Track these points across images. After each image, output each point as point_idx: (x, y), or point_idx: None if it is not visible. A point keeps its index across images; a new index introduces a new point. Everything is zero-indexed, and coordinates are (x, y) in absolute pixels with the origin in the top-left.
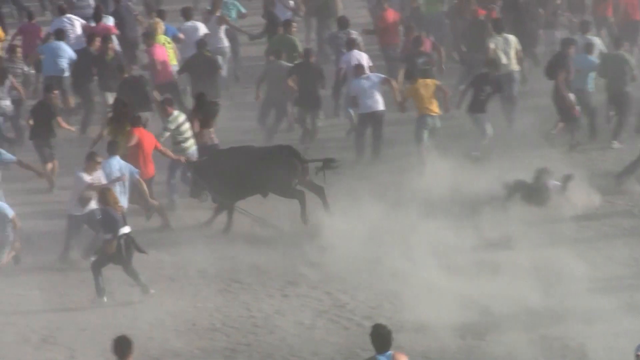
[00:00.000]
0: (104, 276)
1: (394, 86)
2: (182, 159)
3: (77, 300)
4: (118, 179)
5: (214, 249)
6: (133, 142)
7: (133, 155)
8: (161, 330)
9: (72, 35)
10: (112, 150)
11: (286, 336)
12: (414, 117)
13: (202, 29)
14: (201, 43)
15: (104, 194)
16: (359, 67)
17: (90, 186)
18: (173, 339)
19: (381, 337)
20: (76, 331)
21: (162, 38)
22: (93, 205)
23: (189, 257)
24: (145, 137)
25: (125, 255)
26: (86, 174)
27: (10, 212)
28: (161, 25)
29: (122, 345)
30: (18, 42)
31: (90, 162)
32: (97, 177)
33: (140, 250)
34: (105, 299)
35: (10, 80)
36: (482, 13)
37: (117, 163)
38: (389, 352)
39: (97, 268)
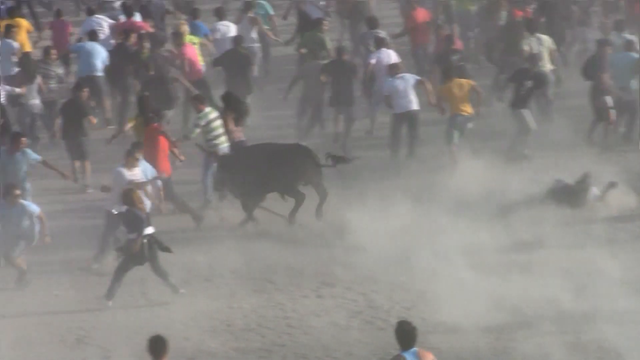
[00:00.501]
0: (139, 278)
1: (428, 88)
2: (183, 158)
3: (113, 300)
4: (155, 179)
5: (249, 249)
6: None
7: (148, 153)
8: (196, 331)
9: (101, 36)
10: (135, 151)
11: (321, 337)
12: (446, 116)
13: (233, 29)
14: (237, 39)
15: (128, 193)
16: (394, 67)
17: (130, 183)
18: (208, 339)
19: (406, 334)
20: (111, 331)
21: (188, 37)
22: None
23: (224, 257)
24: (161, 135)
25: (148, 256)
26: (126, 169)
27: (36, 209)
28: (186, 26)
29: (157, 345)
30: (48, 41)
31: (130, 158)
32: (137, 173)
33: (165, 250)
34: (110, 304)
35: (39, 81)
36: (519, 14)
37: (140, 164)
38: (414, 348)
39: (120, 271)
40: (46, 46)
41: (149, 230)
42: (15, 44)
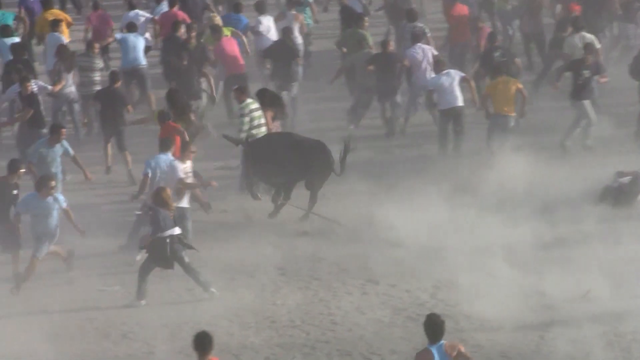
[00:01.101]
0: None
1: (472, 86)
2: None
3: (157, 296)
4: (208, 184)
5: (293, 246)
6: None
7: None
8: (240, 327)
9: (142, 26)
10: (164, 147)
11: (365, 334)
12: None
13: (273, 24)
14: (286, 30)
15: (159, 193)
16: (439, 63)
17: (181, 181)
18: (252, 335)
19: (434, 326)
20: (156, 327)
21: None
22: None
23: (268, 254)
24: (170, 131)
25: (170, 256)
26: (180, 162)
27: (64, 203)
28: (219, 20)
29: (202, 341)
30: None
31: (186, 152)
32: (188, 167)
33: (190, 248)
34: (143, 302)
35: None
36: (575, 8)
37: (165, 160)
38: (441, 342)
39: (143, 271)
40: (88, 39)
41: (173, 230)
42: (64, 38)
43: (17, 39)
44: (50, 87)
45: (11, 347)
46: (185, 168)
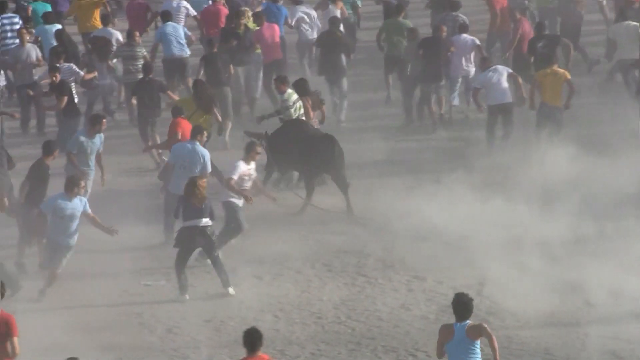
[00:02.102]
0: (223, 268)
1: (520, 82)
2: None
3: (203, 291)
4: (265, 194)
5: (341, 242)
6: (176, 134)
7: (171, 143)
8: (286, 323)
9: (181, 18)
10: (193, 134)
11: (410, 330)
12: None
13: (314, 15)
14: (333, 20)
15: (190, 182)
16: (485, 60)
17: (241, 178)
18: (298, 331)
19: (462, 305)
20: (201, 322)
21: (251, 24)
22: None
23: (315, 250)
24: (187, 127)
25: (187, 246)
26: (244, 163)
27: (89, 209)
28: (249, 13)
29: (252, 337)
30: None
31: (251, 153)
32: (252, 169)
33: (212, 245)
34: (187, 297)
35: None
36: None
37: (188, 148)
38: (467, 322)
39: (177, 265)
40: (129, 29)
41: (198, 222)
42: (115, 32)
43: (59, 26)
44: (82, 73)
45: (58, 339)
46: (249, 170)
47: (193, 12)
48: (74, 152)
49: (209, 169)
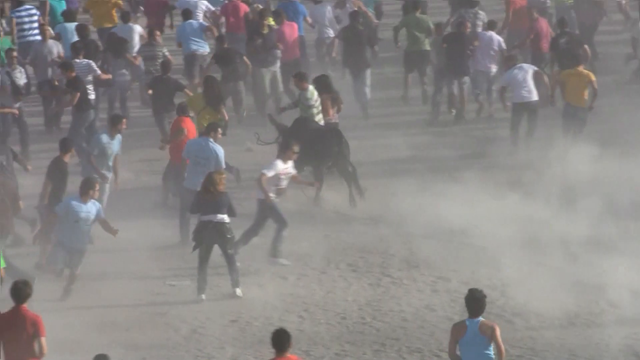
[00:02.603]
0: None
1: (546, 81)
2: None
3: (228, 292)
4: (310, 183)
5: (365, 242)
6: (181, 133)
7: (174, 142)
8: (311, 323)
9: (199, 14)
10: (207, 131)
11: (435, 331)
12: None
13: (330, 12)
14: (354, 15)
15: (209, 176)
16: (510, 58)
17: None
18: (323, 332)
19: (475, 301)
20: (226, 322)
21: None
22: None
23: (339, 250)
24: (190, 126)
25: (203, 242)
26: (281, 161)
27: (102, 213)
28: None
29: (281, 338)
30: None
31: (288, 152)
32: (290, 167)
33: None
34: (203, 297)
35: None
36: None
37: (202, 145)
38: (480, 318)
39: (199, 263)
40: (150, 28)
41: (213, 217)
42: (136, 27)
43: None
44: (99, 71)
45: (83, 337)
46: (286, 169)
47: (212, 8)
48: (95, 154)
49: (223, 165)
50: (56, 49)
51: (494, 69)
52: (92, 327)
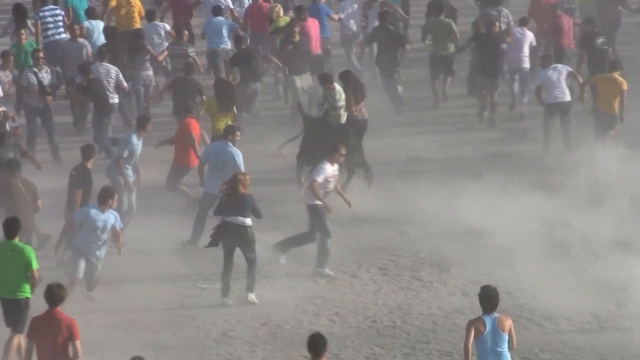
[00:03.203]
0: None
1: (579, 80)
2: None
3: (258, 295)
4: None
5: (395, 246)
6: (189, 134)
7: (179, 143)
8: (341, 327)
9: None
10: (225, 134)
11: None
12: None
13: (357, 9)
14: (383, 15)
15: (234, 177)
16: (545, 58)
17: (326, 180)
18: (353, 335)
19: (489, 298)
20: (256, 326)
21: (282, 20)
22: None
23: (370, 254)
24: (194, 127)
25: (223, 243)
26: (329, 164)
27: (119, 224)
28: (279, 10)
29: (317, 343)
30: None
31: (335, 155)
32: (336, 170)
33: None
34: (226, 300)
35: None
36: None
37: (220, 148)
38: (495, 314)
39: (223, 265)
40: (177, 27)
41: (237, 219)
42: (163, 25)
43: (101, 22)
44: (120, 77)
45: (114, 339)
46: (333, 171)
47: (231, 6)
48: (124, 156)
49: (242, 168)
50: (85, 48)
51: (526, 65)
52: (122, 330)
